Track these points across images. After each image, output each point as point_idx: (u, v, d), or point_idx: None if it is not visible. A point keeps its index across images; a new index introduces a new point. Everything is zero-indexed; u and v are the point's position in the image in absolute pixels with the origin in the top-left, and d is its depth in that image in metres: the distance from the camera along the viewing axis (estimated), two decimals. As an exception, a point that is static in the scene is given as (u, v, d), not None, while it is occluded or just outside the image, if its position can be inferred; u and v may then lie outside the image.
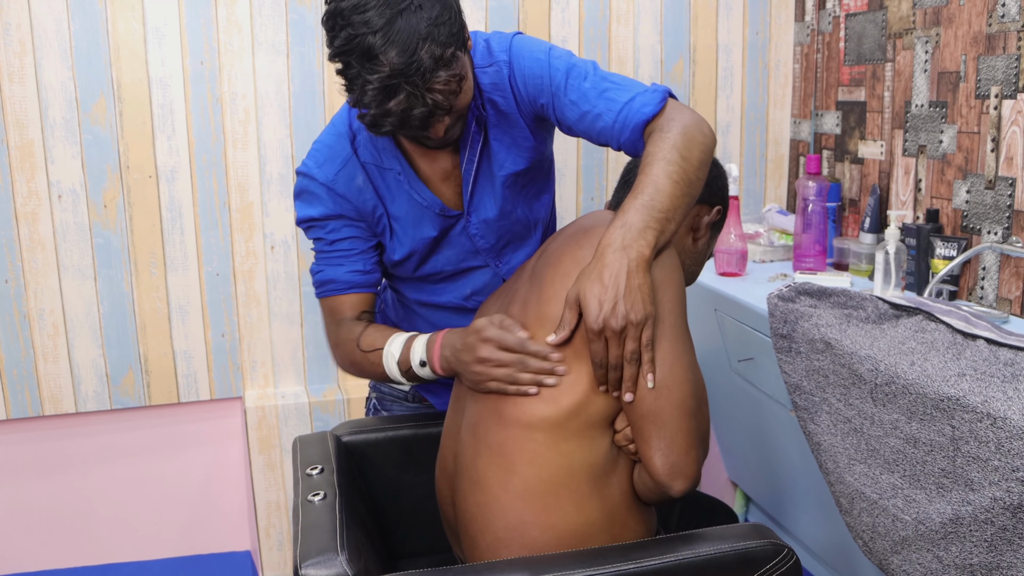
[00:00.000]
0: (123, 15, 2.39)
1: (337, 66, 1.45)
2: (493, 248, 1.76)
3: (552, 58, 1.63)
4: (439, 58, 1.41)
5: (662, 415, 1.33)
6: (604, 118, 1.58)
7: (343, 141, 1.67)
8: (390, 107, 1.41)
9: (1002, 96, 2.04)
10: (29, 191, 2.40)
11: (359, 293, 1.71)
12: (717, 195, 1.63)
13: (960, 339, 1.53)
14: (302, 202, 1.70)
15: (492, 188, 1.70)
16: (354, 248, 1.70)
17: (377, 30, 1.38)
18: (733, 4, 2.81)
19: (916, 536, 1.46)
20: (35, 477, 2.58)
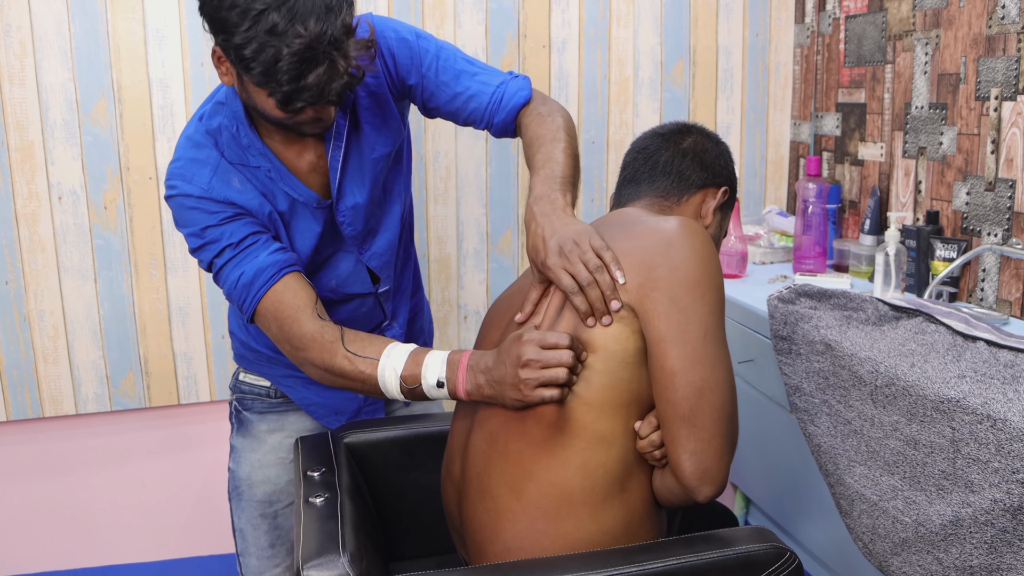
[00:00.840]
0: (123, 16, 2.39)
1: (232, 54, 1.37)
2: (359, 235, 1.69)
3: (419, 39, 1.63)
4: (348, 28, 1.37)
5: (701, 418, 1.30)
6: (477, 99, 1.64)
7: (205, 148, 1.57)
8: (308, 81, 1.35)
9: (1002, 98, 2.04)
10: (29, 192, 2.40)
11: (293, 271, 1.55)
12: (722, 175, 1.60)
13: (960, 341, 1.53)
14: (189, 218, 1.56)
15: (361, 173, 1.65)
16: (260, 238, 1.57)
17: (280, 4, 1.32)
18: (733, 6, 2.81)
19: (916, 538, 1.46)
20: (35, 478, 2.58)
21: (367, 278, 1.76)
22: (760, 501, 2.53)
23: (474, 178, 2.68)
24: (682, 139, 1.60)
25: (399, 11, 2.55)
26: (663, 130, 1.63)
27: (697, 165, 1.57)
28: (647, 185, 1.58)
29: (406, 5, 2.56)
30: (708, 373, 1.30)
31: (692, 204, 1.57)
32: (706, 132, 1.63)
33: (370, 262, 1.74)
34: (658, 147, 1.60)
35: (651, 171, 1.58)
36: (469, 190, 2.69)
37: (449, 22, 2.60)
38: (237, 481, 1.90)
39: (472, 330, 2.76)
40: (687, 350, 1.29)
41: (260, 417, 1.90)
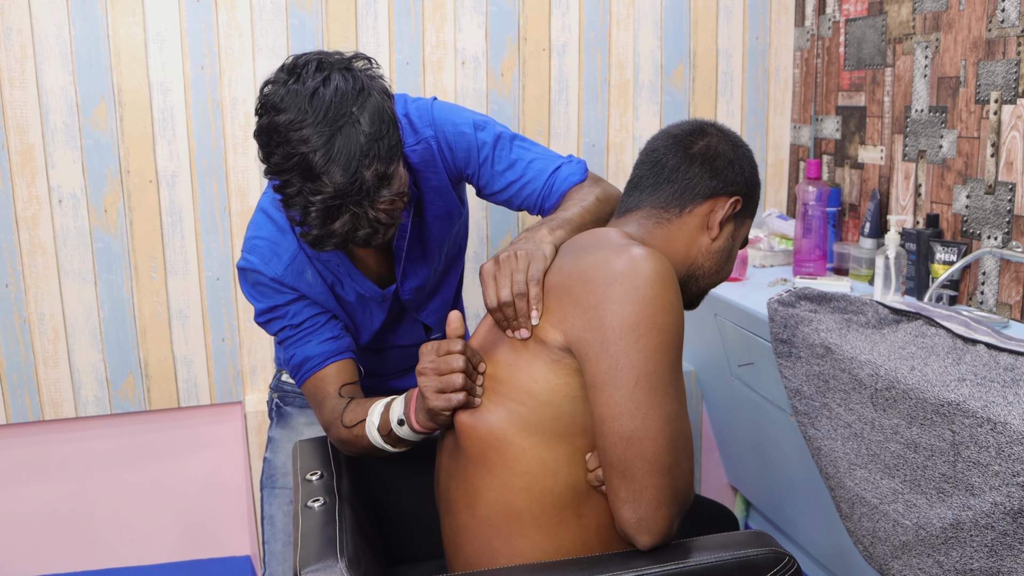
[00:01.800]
0: (124, 20, 2.40)
1: (275, 182, 1.40)
2: (419, 304, 1.80)
3: (477, 131, 1.68)
4: (383, 175, 1.38)
5: (631, 468, 1.25)
6: (531, 186, 1.67)
7: (286, 235, 1.63)
8: (334, 228, 1.39)
9: (1002, 101, 2.04)
10: (30, 195, 2.40)
11: (338, 361, 1.64)
12: (735, 183, 1.48)
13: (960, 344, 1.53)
14: (258, 295, 1.65)
15: (425, 257, 1.74)
16: (319, 321, 1.65)
17: (317, 148, 1.33)
18: (733, 9, 2.81)
19: (916, 541, 1.46)
20: (35, 482, 2.58)
21: (422, 332, 1.87)
22: (760, 504, 2.53)
23: (474, 181, 2.69)
24: (694, 142, 1.48)
25: (399, 15, 2.55)
26: (677, 130, 1.51)
27: (707, 172, 1.46)
28: (649, 193, 1.48)
29: (407, 9, 2.56)
30: (637, 423, 1.24)
31: (697, 215, 1.46)
32: (725, 133, 1.51)
33: (427, 319, 1.85)
34: (667, 150, 1.49)
35: (656, 177, 1.48)
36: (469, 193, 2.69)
37: (449, 25, 2.60)
38: (273, 470, 1.94)
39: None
40: (614, 398, 1.25)
41: (299, 411, 1.97)
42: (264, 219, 1.65)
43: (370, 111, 1.37)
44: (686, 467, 1.30)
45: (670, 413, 1.27)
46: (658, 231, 1.45)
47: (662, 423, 1.25)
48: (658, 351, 1.26)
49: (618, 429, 1.25)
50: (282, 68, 1.42)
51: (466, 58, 2.63)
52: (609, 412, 1.25)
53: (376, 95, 1.40)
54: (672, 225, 1.46)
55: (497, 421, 1.33)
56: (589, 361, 1.27)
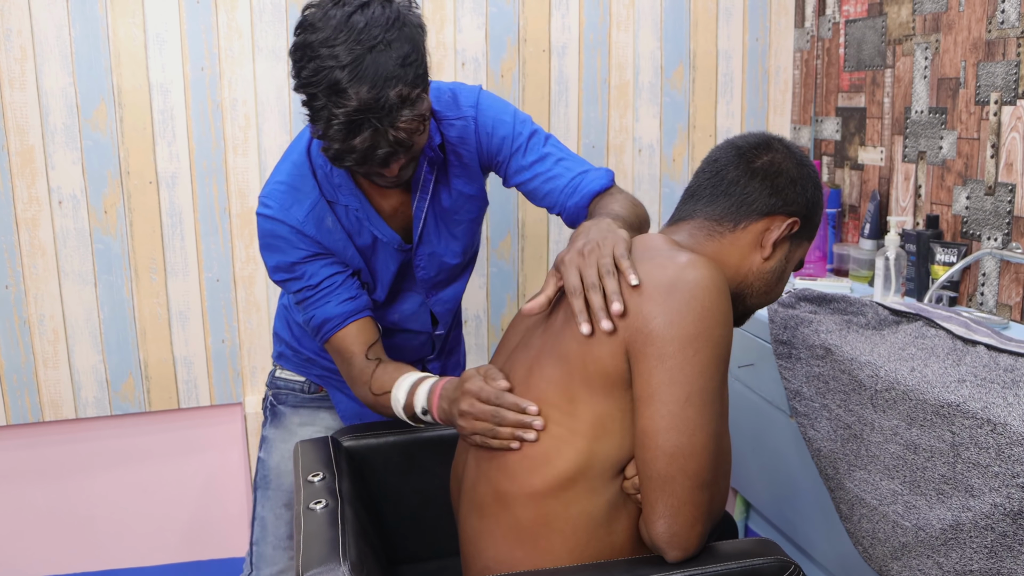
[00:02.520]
0: (124, 21, 2.40)
1: (302, 97, 1.44)
2: (430, 280, 1.80)
3: (517, 122, 1.72)
4: (406, 97, 1.42)
5: (672, 484, 1.22)
6: (557, 181, 1.69)
7: (308, 180, 1.65)
8: (355, 143, 1.42)
9: (1002, 102, 2.04)
10: (30, 197, 2.40)
11: (358, 320, 1.67)
12: (795, 203, 1.42)
13: (960, 345, 1.53)
14: (270, 248, 1.66)
15: (446, 226, 1.75)
16: (336, 280, 1.67)
17: (346, 65, 1.38)
18: (733, 10, 2.81)
19: (916, 542, 1.46)
20: (35, 483, 2.58)
21: (428, 320, 1.87)
22: (760, 505, 2.53)
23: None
24: (758, 156, 1.42)
25: (399, 16, 2.55)
26: (742, 142, 1.45)
27: (767, 189, 1.40)
28: (705, 203, 1.42)
29: (406, 10, 2.56)
30: (684, 440, 1.21)
31: (751, 232, 1.40)
32: (791, 150, 1.44)
33: (435, 307, 1.85)
34: (729, 162, 1.43)
35: (714, 188, 1.42)
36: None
37: (449, 26, 2.60)
38: (266, 470, 1.94)
39: (472, 334, 2.76)
40: (662, 412, 1.22)
41: (293, 410, 1.96)
42: (287, 164, 1.68)
43: (402, 39, 1.42)
44: (724, 485, 1.29)
45: (716, 430, 1.24)
46: (709, 243, 1.41)
47: (707, 440, 1.23)
48: (711, 365, 1.23)
49: (663, 444, 1.22)
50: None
51: (466, 59, 2.63)
52: (656, 426, 1.22)
53: (410, 28, 1.44)
54: (724, 239, 1.40)
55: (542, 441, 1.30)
56: (641, 374, 1.23)
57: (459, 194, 1.74)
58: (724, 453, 1.28)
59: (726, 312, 1.25)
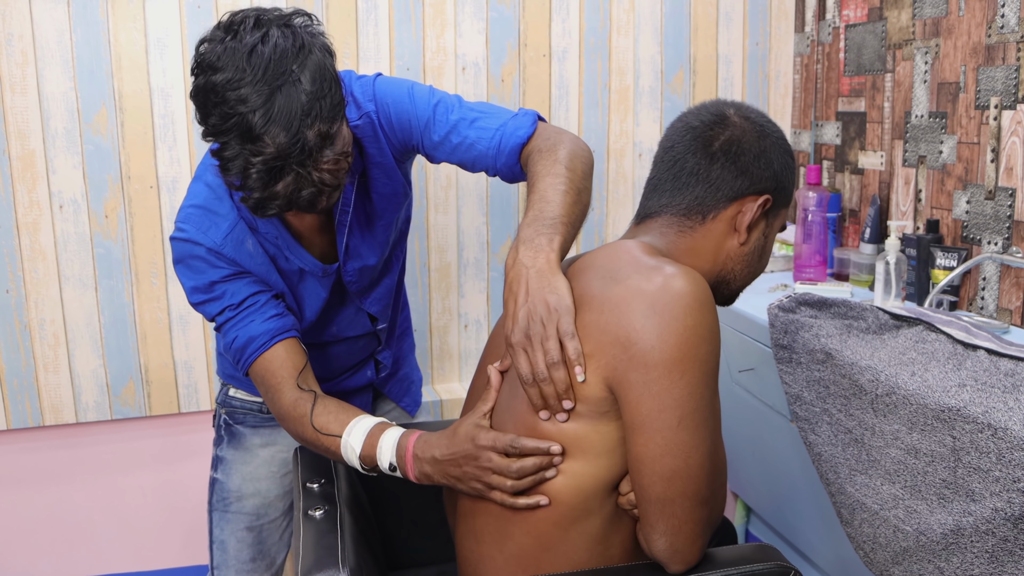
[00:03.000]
0: (125, 26, 2.40)
1: (212, 145, 1.35)
2: (363, 290, 1.73)
3: (415, 98, 1.59)
4: (325, 135, 1.32)
5: (671, 504, 1.20)
6: (478, 146, 1.56)
7: (224, 202, 1.55)
8: (277, 190, 1.33)
9: (1002, 107, 2.05)
10: (30, 201, 2.40)
11: (285, 339, 1.55)
12: (763, 179, 1.35)
13: (961, 349, 1.53)
14: (187, 271, 1.55)
15: (372, 236, 1.67)
16: (259, 300, 1.56)
17: (257, 108, 1.27)
18: (733, 15, 2.81)
19: (917, 547, 1.46)
20: (35, 487, 2.58)
21: (367, 321, 1.79)
22: (760, 510, 2.52)
23: (474, 187, 2.69)
24: (715, 136, 1.34)
25: (399, 22, 2.55)
26: (696, 120, 1.37)
27: (730, 172, 1.34)
28: (669, 197, 1.36)
29: (407, 16, 2.56)
30: (679, 464, 1.19)
31: (723, 220, 1.36)
32: (750, 120, 1.36)
33: (370, 308, 1.77)
34: (686, 148, 1.36)
35: (675, 179, 1.36)
36: (469, 199, 2.69)
37: (450, 31, 2.60)
38: (225, 492, 1.86)
39: (472, 339, 2.76)
40: (655, 439, 1.19)
41: (253, 431, 1.88)
42: (201, 187, 1.57)
43: (311, 68, 1.31)
44: (721, 495, 1.28)
45: (711, 448, 1.22)
46: (681, 240, 1.36)
47: (703, 459, 1.21)
48: (700, 384, 1.19)
49: (659, 469, 1.19)
50: (218, 25, 1.35)
51: (466, 64, 2.63)
52: (650, 453, 1.19)
53: (317, 52, 1.34)
54: (696, 233, 1.36)
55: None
56: (629, 403, 1.20)
57: (380, 196, 1.65)
58: (720, 466, 1.26)
59: (711, 327, 1.21)
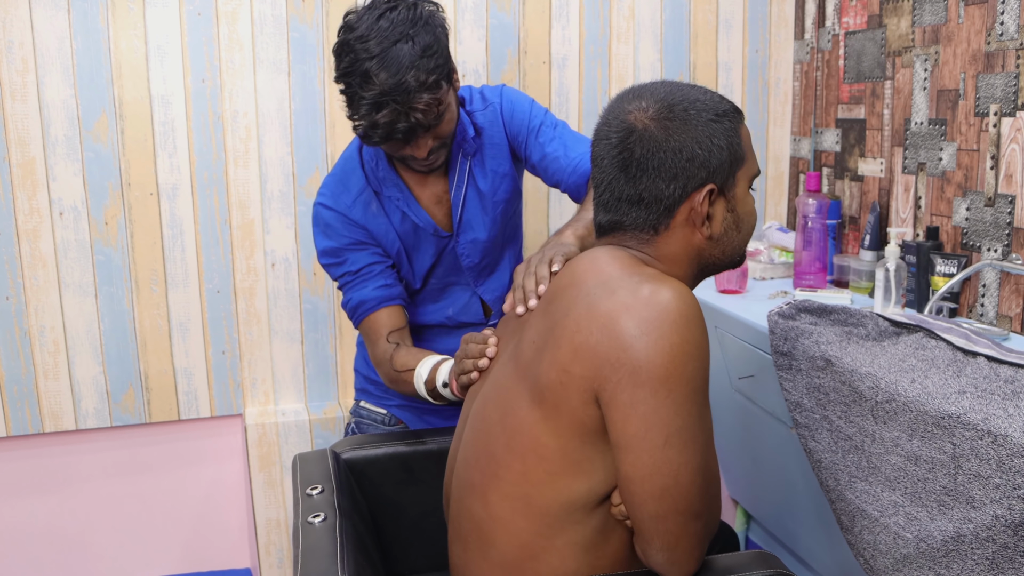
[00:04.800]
0: (125, 33, 2.40)
1: (341, 87, 1.69)
2: (475, 267, 1.97)
3: (533, 107, 1.93)
4: (423, 82, 1.64)
5: (666, 521, 1.20)
6: (561, 161, 1.87)
7: (356, 172, 1.88)
8: (378, 119, 1.64)
9: (1001, 114, 2.05)
10: (30, 208, 2.40)
11: (389, 306, 1.86)
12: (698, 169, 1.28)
13: (961, 356, 1.53)
14: (321, 234, 1.89)
15: (484, 212, 1.93)
16: (374, 269, 1.87)
17: (374, 56, 1.62)
18: (733, 22, 2.82)
19: (917, 554, 1.45)
20: (35, 494, 2.57)
21: (480, 310, 2.02)
22: (761, 517, 2.52)
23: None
24: (627, 153, 1.29)
25: (400, 28, 2.56)
26: (606, 134, 1.33)
27: (659, 182, 1.28)
28: (615, 215, 1.34)
29: (407, 22, 2.56)
30: (669, 482, 1.18)
31: (678, 224, 1.31)
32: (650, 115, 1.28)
33: (485, 295, 2.01)
34: (608, 171, 1.32)
35: (617, 204, 1.33)
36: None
37: (450, 38, 2.60)
38: None
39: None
40: (643, 459, 1.18)
41: None
42: (340, 161, 1.93)
43: (424, 34, 1.66)
44: (716, 507, 1.26)
45: (701, 463, 1.20)
46: (648, 248, 1.33)
47: (693, 475, 1.19)
48: (687, 401, 1.18)
49: (649, 488, 1.19)
50: (364, 4, 1.72)
51: (467, 71, 2.64)
52: (639, 473, 1.19)
53: (433, 26, 1.69)
54: (658, 242, 1.32)
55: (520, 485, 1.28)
56: (615, 422, 1.19)
57: (494, 173, 1.91)
58: (712, 479, 1.24)
59: (699, 342, 1.20)
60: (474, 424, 1.40)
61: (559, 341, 1.24)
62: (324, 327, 2.65)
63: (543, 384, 1.24)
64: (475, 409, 1.42)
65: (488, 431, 1.34)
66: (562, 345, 1.23)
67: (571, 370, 1.21)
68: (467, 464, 1.38)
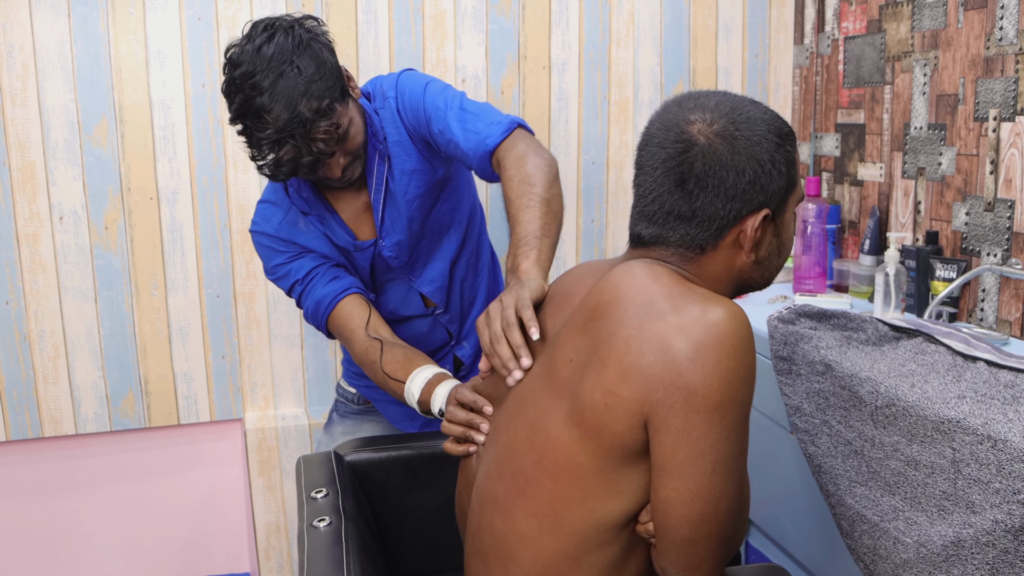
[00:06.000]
0: (125, 38, 2.41)
1: (237, 128, 1.65)
2: (406, 265, 1.93)
3: (426, 93, 1.82)
4: (317, 110, 1.60)
5: (696, 546, 1.17)
6: (461, 146, 1.76)
7: (280, 194, 1.86)
8: (281, 157, 1.62)
9: (1000, 118, 2.05)
10: (31, 213, 2.40)
11: (347, 296, 1.81)
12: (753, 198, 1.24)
13: (960, 361, 1.53)
14: (263, 254, 1.88)
15: (399, 212, 1.87)
16: (320, 270, 1.84)
17: (263, 91, 1.58)
18: (732, 27, 2.82)
19: (917, 559, 1.45)
20: (35, 499, 2.57)
21: (419, 302, 1.98)
22: (760, 522, 2.52)
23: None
24: (686, 168, 1.23)
25: (400, 33, 2.56)
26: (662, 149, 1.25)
27: (716, 202, 1.23)
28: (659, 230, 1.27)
29: (407, 28, 2.57)
30: (709, 509, 1.15)
31: (725, 246, 1.26)
32: (716, 131, 1.23)
33: (421, 288, 1.96)
34: (659, 184, 1.25)
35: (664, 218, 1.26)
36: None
37: (450, 43, 2.61)
38: None
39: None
40: (688, 484, 1.14)
41: (340, 419, 2.15)
42: (269, 185, 1.90)
43: (307, 59, 1.61)
44: (742, 532, 1.24)
45: (738, 490, 1.19)
46: (690, 266, 1.28)
47: (731, 503, 1.17)
48: (736, 427, 1.15)
49: (687, 514, 1.16)
50: (243, 33, 1.66)
51: (466, 75, 2.64)
52: (680, 498, 1.15)
53: (315, 46, 1.64)
54: (700, 261, 1.28)
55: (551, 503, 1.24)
56: (664, 446, 1.15)
57: (400, 172, 1.85)
58: (745, 506, 1.22)
59: (752, 366, 1.17)
60: (499, 437, 1.35)
61: (605, 361, 1.18)
62: (324, 331, 2.66)
63: (583, 404, 1.19)
64: (500, 423, 1.36)
65: (514, 447, 1.30)
66: (608, 365, 1.17)
67: (618, 392, 1.16)
68: (490, 478, 1.34)
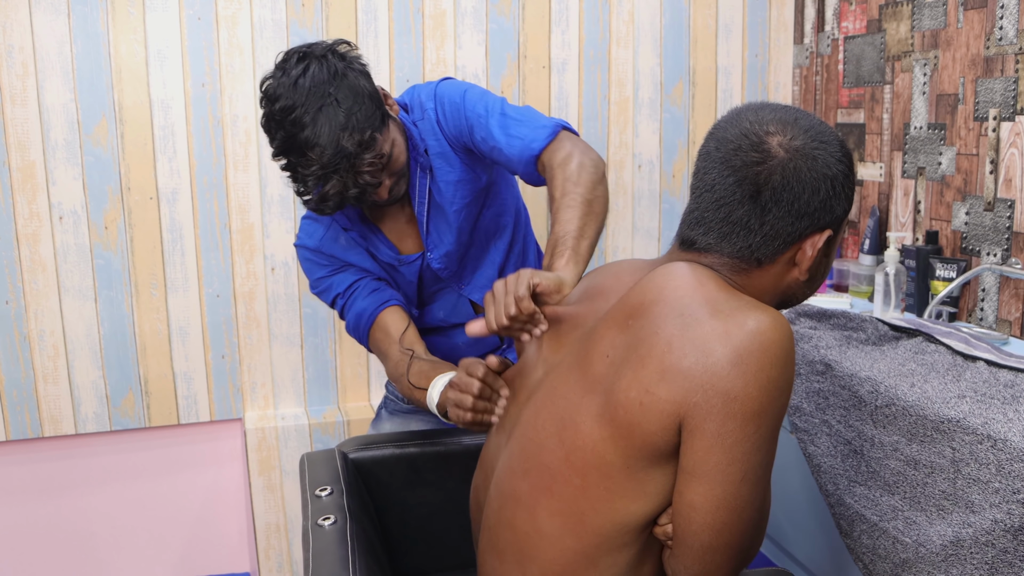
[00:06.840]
0: (125, 38, 2.40)
1: (280, 162, 1.63)
2: (455, 274, 1.92)
3: (467, 100, 1.80)
4: (360, 143, 1.59)
5: (714, 554, 1.16)
6: (505, 152, 1.74)
7: None
8: (327, 192, 1.60)
9: (1000, 118, 2.05)
10: (30, 212, 2.40)
11: (388, 307, 1.82)
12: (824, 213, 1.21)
13: (960, 361, 1.53)
14: (307, 268, 1.89)
15: (447, 223, 1.86)
16: (361, 283, 1.85)
17: (305, 126, 1.56)
18: (732, 27, 2.82)
19: (917, 558, 1.45)
20: (35, 498, 2.57)
21: (469, 309, 1.97)
22: (761, 521, 2.52)
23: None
24: (761, 180, 1.19)
25: (400, 33, 2.56)
26: (736, 157, 1.21)
27: (787, 219, 1.20)
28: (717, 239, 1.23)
29: (407, 28, 2.57)
30: (733, 517, 1.14)
31: (782, 260, 1.24)
32: (795, 147, 1.20)
33: (471, 295, 1.95)
34: (729, 193, 1.21)
35: (722, 224, 1.22)
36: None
37: (449, 43, 2.61)
38: None
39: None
40: (716, 491, 1.13)
41: (390, 416, 2.13)
42: None
43: (344, 89, 1.59)
44: (759, 542, 1.23)
45: (763, 503, 1.18)
46: (738, 277, 1.25)
47: (754, 513, 1.16)
48: (769, 438, 1.14)
49: (711, 521, 1.14)
50: (276, 63, 1.65)
51: (466, 75, 2.64)
52: (707, 504, 1.14)
53: (351, 75, 1.62)
54: (752, 274, 1.25)
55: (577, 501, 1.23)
56: (696, 451, 1.13)
57: (445, 183, 1.83)
58: (766, 516, 1.21)
59: (791, 380, 1.16)
60: (524, 432, 1.32)
61: (644, 360, 1.16)
62: (324, 331, 2.65)
63: (618, 401, 1.18)
64: (526, 417, 1.34)
65: (540, 442, 1.28)
66: (648, 364, 1.15)
67: (655, 391, 1.14)
68: (512, 473, 1.32)
